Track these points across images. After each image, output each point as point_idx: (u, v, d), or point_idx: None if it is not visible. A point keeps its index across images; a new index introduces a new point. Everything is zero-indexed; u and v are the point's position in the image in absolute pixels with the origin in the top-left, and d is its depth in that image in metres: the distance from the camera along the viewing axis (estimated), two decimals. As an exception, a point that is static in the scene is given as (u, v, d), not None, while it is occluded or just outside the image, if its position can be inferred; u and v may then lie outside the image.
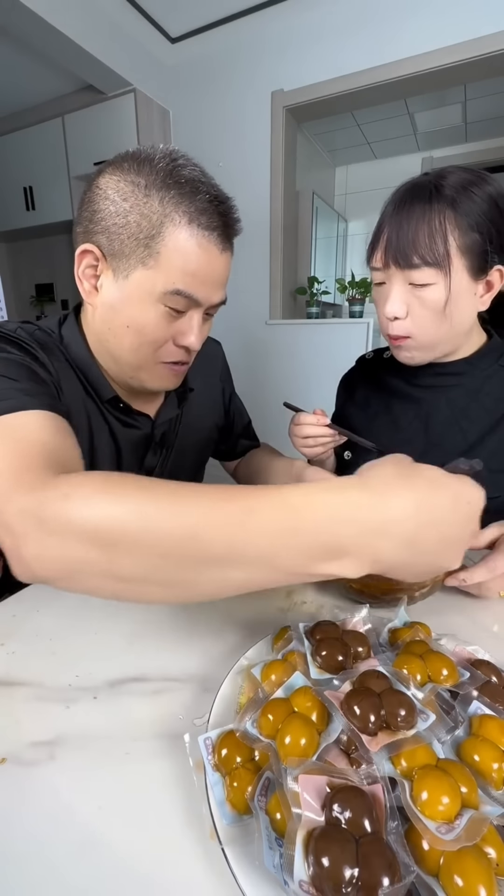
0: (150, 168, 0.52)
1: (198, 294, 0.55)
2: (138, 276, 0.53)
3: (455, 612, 0.53)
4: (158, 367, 0.61)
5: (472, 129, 3.23)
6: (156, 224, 0.51)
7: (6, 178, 3.01)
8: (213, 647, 0.46)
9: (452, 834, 0.24)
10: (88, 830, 0.29)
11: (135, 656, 0.45)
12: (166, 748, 0.35)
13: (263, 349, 2.69)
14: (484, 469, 0.53)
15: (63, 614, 0.52)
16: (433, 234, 0.59)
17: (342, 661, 0.36)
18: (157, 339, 0.57)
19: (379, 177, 3.72)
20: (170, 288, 0.53)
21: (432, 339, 0.67)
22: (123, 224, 0.52)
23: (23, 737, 0.36)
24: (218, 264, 0.56)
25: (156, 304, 0.54)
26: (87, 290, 0.57)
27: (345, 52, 2.18)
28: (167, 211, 0.51)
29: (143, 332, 0.56)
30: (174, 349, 0.59)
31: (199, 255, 0.53)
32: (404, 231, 0.61)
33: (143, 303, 0.54)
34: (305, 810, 0.25)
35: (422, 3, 1.99)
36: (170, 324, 0.56)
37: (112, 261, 0.54)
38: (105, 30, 2.18)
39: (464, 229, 0.60)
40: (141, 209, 0.51)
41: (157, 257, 0.52)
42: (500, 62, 1.98)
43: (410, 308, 0.64)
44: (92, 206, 0.54)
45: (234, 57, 2.44)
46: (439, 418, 0.74)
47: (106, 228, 0.53)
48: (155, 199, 0.51)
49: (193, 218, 0.52)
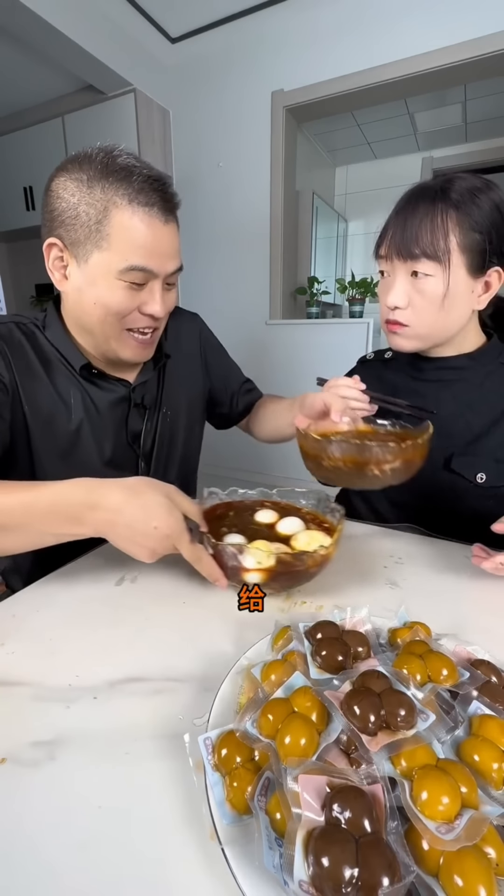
0: (88, 164, 0.60)
1: (151, 265, 0.62)
2: (96, 259, 0.61)
3: (455, 611, 0.53)
4: (126, 337, 0.68)
5: (472, 129, 3.23)
6: (101, 210, 0.59)
7: (6, 178, 3.01)
8: (213, 647, 0.46)
9: (452, 834, 0.24)
10: (88, 830, 0.29)
11: (135, 656, 0.45)
12: (166, 748, 0.35)
13: (263, 349, 2.69)
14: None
15: (63, 614, 0.52)
16: (435, 230, 0.64)
17: (342, 661, 0.36)
18: (122, 311, 0.65)
19: (379, 177, 3.73)
20: (124, 265, 0.61)
21: (428, 330, 0.71)
22: (75, 216, 0.60)
23: (23, 737, 0.36)
24: (163, 235, 0.63)
25: (116, 280, 0.62)
26: (58, 280, 0.66)
27: (345, 52, 2.18)
28: (108, 196, 0.59)
29: (108, 307, 0.64)
30: (140, 317, 0.67)
31: (144, 230, 0.61)
32: (409, 226, 0.65)
33: (104, 281, 0.62)
34: (305, 810, 0.25)
35: (422, 3, 1.99)
36: (133, 296, 0.64)
37: (73, 249, 0.62)
38: (105, 30, 2.18)
39: (465, 229, 0.64)
40: (87, 200, 0.59)
41: (108, 239, 0.60)
42: (500, 62, 1.98)
43: (411, 299, 0.69)
44: (48, 207, 0.63)
45: (234, 57, 2.44)
46: (445, 410, 0.75)
47: (62, 223, 0.61)
48: (97, 189, 0.59)
49: (133, 198, 0.59)
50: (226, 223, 2.67)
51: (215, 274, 2.77)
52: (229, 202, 2.63)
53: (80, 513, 0.50)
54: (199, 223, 2.70)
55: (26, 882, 0.27)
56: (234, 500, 0.68)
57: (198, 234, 2.72)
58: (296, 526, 0.60)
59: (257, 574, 0.51)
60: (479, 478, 0.71)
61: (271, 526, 0.62)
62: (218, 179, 2.62)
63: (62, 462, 0.73)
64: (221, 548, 0.51)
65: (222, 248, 2.72)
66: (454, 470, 0.72)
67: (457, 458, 0.72)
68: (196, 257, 2.75)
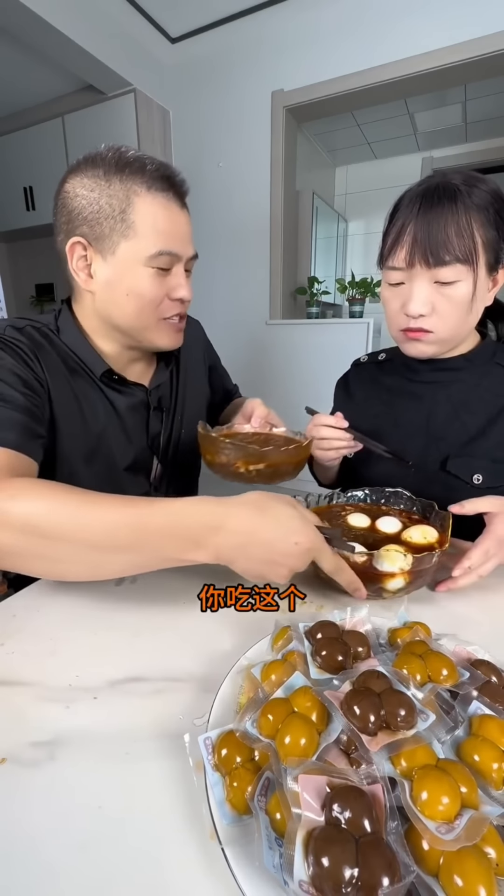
0: (101, 161, 0.62)
1: (175, 248, 0.64)
2: (123, 249, 0.62)
3: (454, 611, 0.53)
4: (162, 325, 0.69)
5: (472, 129, 3.23)
6: (123, 199, 0.61)
7: (6, 178, 3.01)
8: (213, 647, 0.46)
9: (452, 834, 0.24)
10: (88, 830, 0.29)
11: (135, 656, 0.45)
12: (166, 748, 0.35)
13: (263, 349, 2.69)
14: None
15: (63, 614, 0.52)
16: (461, 231, 0.61)
17: (342, 661, 0.36)
18: (155, 299, 0.65)
19: (379, 177, 3.73)
20: (152, 251, 0.62)
21: (452, 333, 0.68)
22: (98, 210, 0.61)
23: (23, 737, 0.36)
24: (181, 219, 0.65)
25: (145, 268, 0.63)
26: (84, 280, 0.66)
27: (345, 52, 2.18)
28: (127, 185, 0.61)
29: (141, 296, 0.64)
30: (170, 304, 0.68)
31: (165, 214, 0.63)
32: (434, 230, 0.61)
33: (134, 270, 0.63)
34: (305, 810, 0.25)
35: (422, 4, 1.99)
36: (161, 283, 0.65)
37: (97, 244, 0.63)
38: (105, 30, 2.18)
39: (486, 226, 0.62)
40: (107, 192, 0.61)
41: (133, 227, 0.61)
42: (500, 62, 1.98)
43: (435, 305, 0.65)
44: (66, 209, 0.63)
45: (234, 57, 2.44)
46: (441, 412, 0.75)
47: (85, 220, 0.62)
48: (115, 181, 0.61)
49: (150, 184, 0.61)
50: (226, 223, 2.67)
51: (216, 274, 2.77)
52: (229, 202, 2.63)
53: (202, 535, 0.44)
54: (200, 223, 2.70)
55: (26, 882, 0.27)
56: (319, 507, 0.68)
57: (198, 235, 2.71)
58: (397, 523, 0.60)
59: (401, 579, 0.50)
60: (475, 479, 0.70)
61: (372, 528, 0.61)
62: (218, 179, 2.62)
63: (86, 467, 0.72)
64: (368, 557, 0.50)
65: (222, 248, 2.72)
66: (450, 471, 0.72)
67: (453, 459, 0.72)
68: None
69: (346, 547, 0.50)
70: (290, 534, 0.45)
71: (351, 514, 0.64)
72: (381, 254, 0.70)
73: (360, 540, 0.56)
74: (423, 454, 0.75)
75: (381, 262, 0.70)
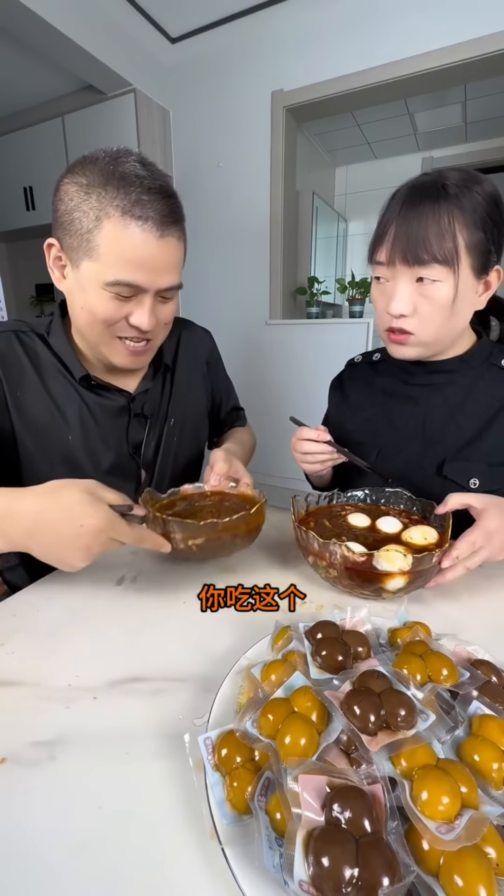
0: (92, 168, 0.59)
1: (139, 281, 0.61)
2: (85, 267, 0.61)
3: (454, 611, 0.53)
4: (115, 343, 0.67)
5: (472, 129, 3.22)
6: (93, 220, 0.58)
7: (6, 178, 3.01)
8: (213, 647, 0.46)
9: (452, 834, 0.24)
10: (88, 830, 0.29)
11: (135, 656, 0.45)
12: (166, 748, 0.35)
13: (263, 349, 2.69)
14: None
15: (63, 614, 0.52)
16: (442, 232, 0.60)
17: (342, 661, 0.36)
18: (108, 319, 0.64)
19: (379, 177, 3.72)
20: (110, 279, 0.59)
21: (435, 337, 0.67)
22: (70, 221, 0.59)
23: (23, 737, 0.36)
24: (157, 251, 0.61)
25: (102, 290, 0.61)
26: (57, 278, 0.66)
27: (345, 52, 2.18)
28: (102, 206, 0.57)
29: (94, 314, 0.63)
30: (128, 327, 0.65)
31: (135, 245, 0.59)
32: (414, 229, 0.61)
33: (92, 289, 0.61)
34: (305, 810, 0.25)
35: (421, 3, 1.99)
36: (119, 307, 0.63)
37: (69, 252, 0.62)
38: (105, 30, 2.18)
39: (471, 228, 0.61)
40: (82, 207, 0.58)
41: (97, 250, 0.59)
42: (500, 62, 1.98)
43: (416, 305, 0.64)
44: (54, 207, 0.63)
45: (234, 57, 2.44)
46: (436, 416, 0.74)
47: (61, 225, 0.61)
48: (93, 197, 0.58)
49: (127, 210, 0.57)
50: (226, 223, 2.67)
51: (215, 274, 2.77)
52: (229, 202, 2.63)
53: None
54: (199, 223, 2.70)
55: (27, 882, 0.27)
56: (319, 507, 0.68)
57: (198, 235, 2.72)
58: (397, 523, 0.60)
59: (400, 579, 0.49)
60: (472, 483, 0.69)
61: (372, 528, 0.61)
62: (218, 179, 2.62)
63: (53, 470, 0.72)
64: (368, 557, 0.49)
65: (222, 248, 2.72)
66: (447, 476, 0.71)
67: (449, 463, 0.71)
68: (196, 258, 2.76)
69: (135, 519, 0.51)
70: (75, 517, 0.46)
71: (351, 513, 0.64)
72: (369, 249, 0.69)
73: (360, 540, 0.56)
74: (419, 458, 0.74)
75: (369, 257, 0.70)
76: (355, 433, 0.82)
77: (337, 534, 0.59)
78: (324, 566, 0.53)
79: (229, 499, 0.68)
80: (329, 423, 0.90)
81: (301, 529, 0.55)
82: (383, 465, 0.75)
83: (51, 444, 0.71)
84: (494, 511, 0.55)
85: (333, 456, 0.72)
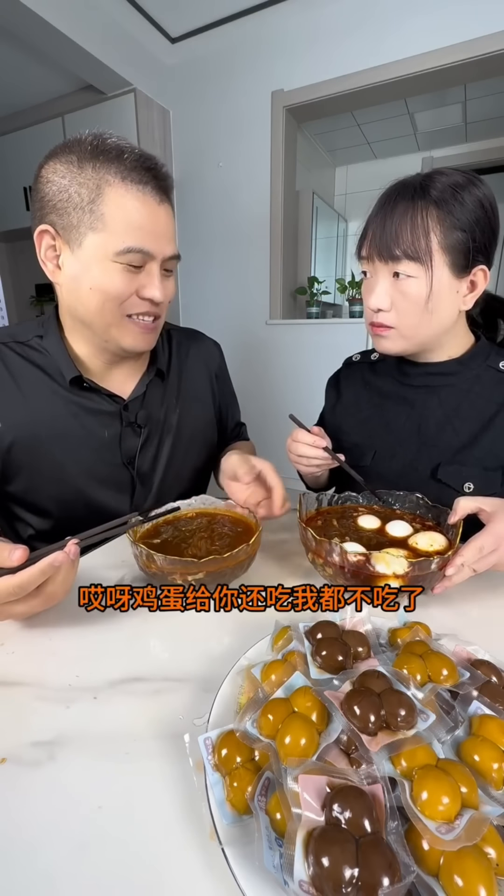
0: (78, 146, 0.59)
1: (148, 246, 0.60)
2: (91, 241, 0.59)
3: (455, 611, 0.53)
4: (127, 323, 0.65)
5: (472, 129, 3.23)
6: (93, 189, 0.57)
7: (6, 178, 3.01)
8: (213, 647, 0.46)
9: (452, 834, 0.24)
10: (88, 830, 0.29)
11: (135, 656, 0.45)
12: (166, 748, 0.35)
13: (263, 349, 2.69)
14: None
15: (63, 614, 0.52)
16: (415, 229, 0.62)
17: (342, 661, 0.36)
18: (120, 295, 0.62)
19: (379, 177, 3.70)
20: (121, 247, 0.59)
21: (413, 332, 0.68)
22: (67, 198, 0.58)
23: (23, 737, 0.36)
24: (159, 215, 0.61)
25: (112, 263, 0.60)
26: (51, 271, 0.64)
27: (345, 52, 2.18)
28: (100, 174, 0.57)
29: (105, 291, 0.61)
30: (139, 301, 0.64)
31: (139, 208, 0.59)
32: (388, 226, 0.63)
33: (100, 264, 0.60)
34: (305, 810, 0.25)
35: (422, 4, 2.00)
36: (131, 279, 0.62)
37: (65, 234, 0.60)
38: (105, 30, 2.18)
39: (447, 227, 0.62)
40: (78, 180, 0.57)
41: (102, 219, 0.58)
42: (500, 62, 1.98)
43: (394, 301, 0.66)
44: (38, 194, 0.61)
45: (234, 57, 2.44)
46: (432, 419, 0.74)
47: (54, 207, 0.59)
48: (88, 168, 0.57)
49: (125, 175, 0.58)
50: (226, 223, 2.67)
51: (215, 274, 2.77)
52: (229, 202, 2.63)
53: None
54: (200, 223, 2.70)
55: (26, 882, 0.27)
56: (332, 507, 0.67)
57: (198, 234, 2.72)
58: (407, 528, 0.60)
59: (394, 582, 0.49)
60: (466, 487, 0.68)
61: (381, 531, 0.60)
62: (218, 179, 2.62)
63: (55, 482, 0.70)
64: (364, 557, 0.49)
65: (222, 247, 2.72)
66: (441, 480, 0.70)
67: (444, 467, 0.70)
68: (196, 257, 2.76)
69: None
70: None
71: (363, 515, 0.64)
72: (356, 245, 0.72)
73: (364, 541, 0.56)
74: (414, 461, 0.74)
75: (356, 252, 0.72)
76: (351, 434, 0.82)
77: (341, 534, 0.59)
78: (321, 564, 0.53)
79: (218, 520, 0.65)
80: (324, 422, 0.89)
81: (302, 526, 0.55)
82: (379, 468, 0.75)
83: (39, 453, 0.69)
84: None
85: (328, 461, 0.71)
